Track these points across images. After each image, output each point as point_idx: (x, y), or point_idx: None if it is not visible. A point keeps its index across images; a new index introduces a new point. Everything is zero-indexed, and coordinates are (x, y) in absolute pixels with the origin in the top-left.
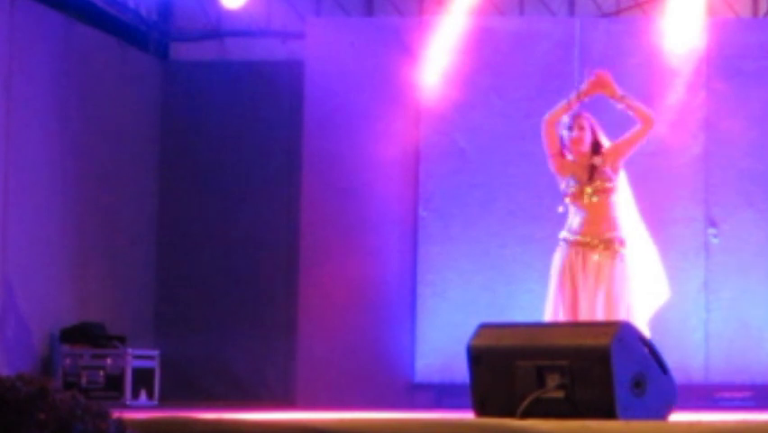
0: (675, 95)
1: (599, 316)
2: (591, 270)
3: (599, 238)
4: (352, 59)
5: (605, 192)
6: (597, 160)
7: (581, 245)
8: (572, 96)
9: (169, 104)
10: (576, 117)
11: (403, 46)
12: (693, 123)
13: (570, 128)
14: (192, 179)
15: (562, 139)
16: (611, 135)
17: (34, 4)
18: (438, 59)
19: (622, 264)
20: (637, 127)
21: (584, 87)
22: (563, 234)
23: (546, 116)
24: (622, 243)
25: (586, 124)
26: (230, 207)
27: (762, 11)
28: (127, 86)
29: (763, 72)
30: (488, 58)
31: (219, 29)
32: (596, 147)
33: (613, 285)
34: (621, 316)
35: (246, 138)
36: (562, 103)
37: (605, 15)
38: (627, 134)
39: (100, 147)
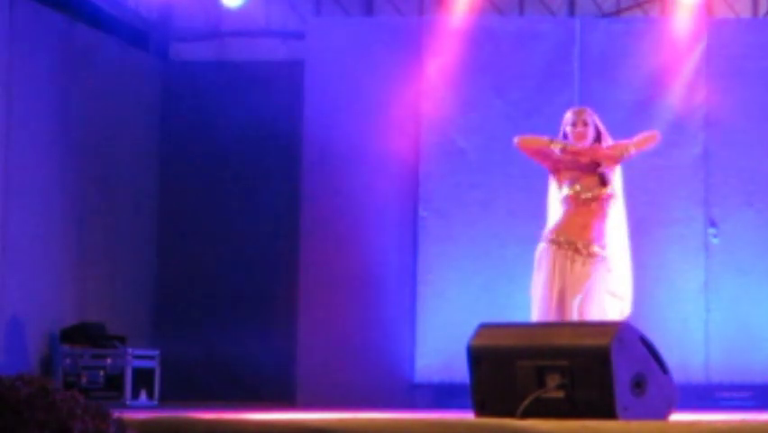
0: (675, 95)
1: (575, 310)
2: (576, 272)
3: (587, 247)
4: (352, 59)
5: (605, 199)
6: (601, 168)
7: (571, 248)
8: (559, 143)
9: (169, 104)
10: (579, 112)
11: (403, 46)
12: (693, 123)
13: (573, 124)
14: (192, 179)
15: (565, 134)
16: (615, 136)
17: (34, 4)
18: (438, 59)
19: (602, 265)
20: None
21: (574, 148)
22: (553, 234)
23: (519, 140)
24: (605, 251)
25: (590, 120)
26: (230, 207)
27: (762, 11)
28: (127, 86)
29: (763, 72)
30: (488, 58)
31: (219, 29)
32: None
33: (592, 281)
34: (593, 310)
35: (246, 138)
36: (544, 138)
37: (605, 15)
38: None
39: (100, 147)
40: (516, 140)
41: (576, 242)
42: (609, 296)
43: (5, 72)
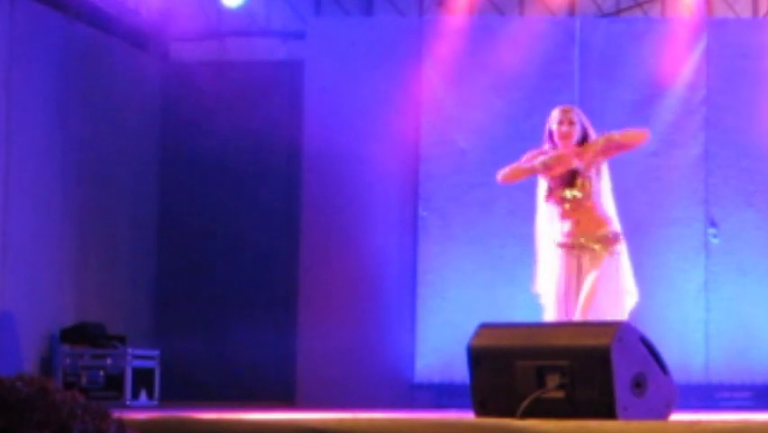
0: (675, 95)
1: (582, 299)
2: (585, 270)
3: (593, 237)
4: (352, 59)
5: (587, 194)
6: (579, 165)
7: (576, 248)
8: (539, 164)
9: (169, 104)
10: (566, 111)
11: (403, 46)
12: (693, 123)
13: (560, 122)
14: (192, 179)
15: (550, 133)
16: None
17: (34, 3)
18: (438, 59)
19: (614, 258)
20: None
21: (554, 160)
22: (558, 237)
23: (501, 178)
24: (616, 236)
25: (576, 119)
26: (230, 207)
27: (762, 11)
28: (127, 86)
29: (763, 72)
30: (488, 58)
31: (219, 29)
32: (583, 143)
33: (602, 271)
34: (601, 303)
35: (246, 138)
36: (524, 166)
37: (605, 15)
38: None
39: (100, 147)
40: (498, 178)
41: (580, 240)
42: (624, 295)
43: (5, 72)
